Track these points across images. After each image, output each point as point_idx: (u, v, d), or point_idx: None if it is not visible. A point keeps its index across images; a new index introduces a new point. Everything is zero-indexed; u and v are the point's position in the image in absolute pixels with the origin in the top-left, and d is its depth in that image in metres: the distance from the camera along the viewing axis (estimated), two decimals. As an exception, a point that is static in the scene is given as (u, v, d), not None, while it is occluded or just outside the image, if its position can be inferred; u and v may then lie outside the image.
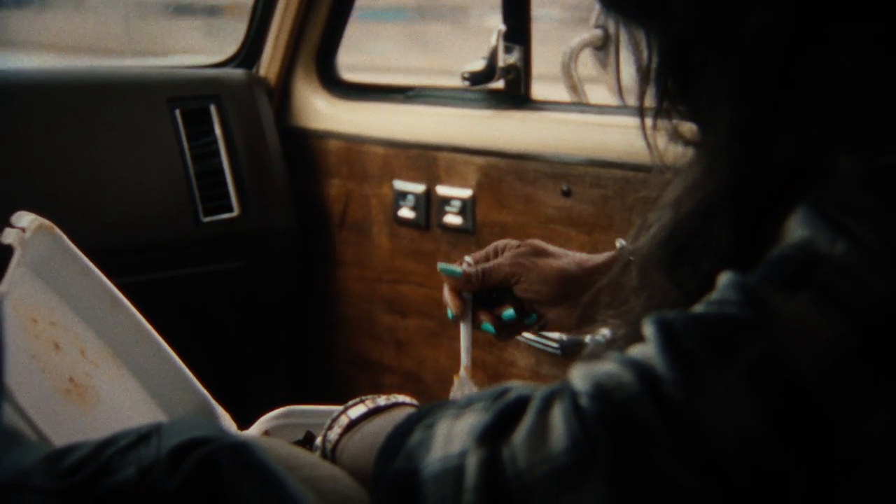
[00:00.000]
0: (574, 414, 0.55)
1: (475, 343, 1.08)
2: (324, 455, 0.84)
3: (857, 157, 0.57)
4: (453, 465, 0.58)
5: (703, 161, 0.64)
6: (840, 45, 0.60)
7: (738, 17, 0.60)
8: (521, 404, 0.58)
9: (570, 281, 1.04)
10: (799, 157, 0.59)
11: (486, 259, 1.09)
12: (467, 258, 1.09)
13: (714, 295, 0.57)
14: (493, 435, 0.57)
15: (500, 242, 1.10)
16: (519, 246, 1.07)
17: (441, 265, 1.07)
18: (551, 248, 1.07)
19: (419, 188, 1.90)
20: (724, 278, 0.57)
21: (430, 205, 1.89)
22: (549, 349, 1.67)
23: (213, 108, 2.02)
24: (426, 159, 1.88)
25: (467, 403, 0.62)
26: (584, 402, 0.55)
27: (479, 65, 1.76)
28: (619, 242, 1.03)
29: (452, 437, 0.59)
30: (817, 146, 0.58)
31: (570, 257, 1.06)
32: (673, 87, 0.66)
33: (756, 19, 0.60)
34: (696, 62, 0.63)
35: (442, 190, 1.86)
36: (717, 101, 0.62)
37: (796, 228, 0.56)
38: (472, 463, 0.57)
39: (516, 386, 0.62)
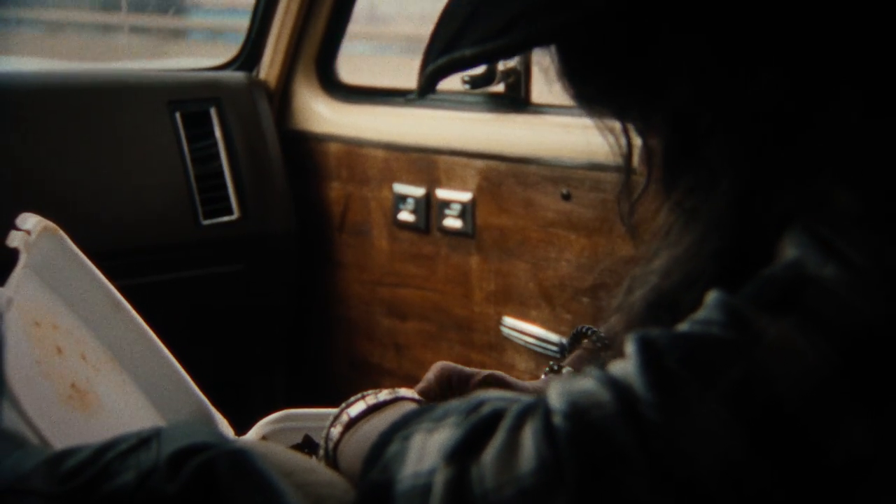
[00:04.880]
0: (545, 433, 0.54)
1: (473, 346, 1.07)
2: (326, 453, 0.84)
3: (854, 192, 0.56)
4: (422, 483, 0.57)
5: (696, 230, 0.62)
6: (850, 98, 0.59)
7: (747, 78, 0.59)
8: (493, 420, 0.57)
9: None
10: (797, 208, 0.58)
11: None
12: None
13: (700, 314, 0.56)
14: (463, 453, 0.56)
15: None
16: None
17: None
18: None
19: (419, 191, 1.90)
20: (712, 297, 0.57)
21: (429, 208, 1.89)
22: (549, 352, 1.67)
23: (213, 111, 2.02)
24: (426, 162, 1.89)
25: (443, 416, 0.61)
26: (557, 420, 0.54)
27: (479, 68, 1.76)
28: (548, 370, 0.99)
29: (425, 453, 0.59)
30: (816, 196, 0.57)
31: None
32: (676, 162, 0.65)
33: (766, 79, 0.59)
34: (702, 131, 0.61)
35: (442, 193, 1.86)
36: (719, 168, 0.60)
37: (788, 248, 0.56)
38: (439, 482, 0.56)
39: (492, 398, 0.61)
